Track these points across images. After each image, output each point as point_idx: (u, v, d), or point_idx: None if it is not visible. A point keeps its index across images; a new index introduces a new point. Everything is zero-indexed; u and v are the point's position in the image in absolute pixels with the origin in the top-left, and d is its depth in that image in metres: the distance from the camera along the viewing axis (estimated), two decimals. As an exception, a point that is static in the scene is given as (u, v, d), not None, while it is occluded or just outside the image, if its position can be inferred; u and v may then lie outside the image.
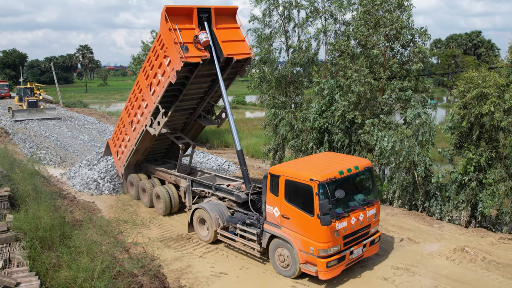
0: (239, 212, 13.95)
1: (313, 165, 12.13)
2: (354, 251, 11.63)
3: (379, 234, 12.73)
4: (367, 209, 11.86)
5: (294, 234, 11.47)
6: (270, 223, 12.16)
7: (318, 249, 10.89)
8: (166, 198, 17.15)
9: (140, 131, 17.34)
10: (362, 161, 12.49)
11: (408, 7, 19.16)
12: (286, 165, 12.53)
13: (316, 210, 10.70)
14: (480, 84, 15.54)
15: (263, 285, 11.80)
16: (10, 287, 8.02)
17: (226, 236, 13.65)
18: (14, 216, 12.59)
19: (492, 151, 15.98)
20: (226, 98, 15.31)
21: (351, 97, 19.21)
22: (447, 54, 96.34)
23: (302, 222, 11.21)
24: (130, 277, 10.71)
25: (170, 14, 14.15)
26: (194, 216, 14.80)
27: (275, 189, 11.84)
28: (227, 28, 15.33)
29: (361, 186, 12.31)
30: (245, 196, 13.87)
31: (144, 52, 35.36)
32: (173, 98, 16.38)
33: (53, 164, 26.60)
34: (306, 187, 10.96)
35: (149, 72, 16.08)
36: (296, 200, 11.37)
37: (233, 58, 15.15)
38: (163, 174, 18.57)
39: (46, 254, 10.68)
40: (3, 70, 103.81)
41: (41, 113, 44.96)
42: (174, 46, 14.02)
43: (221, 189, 15.16)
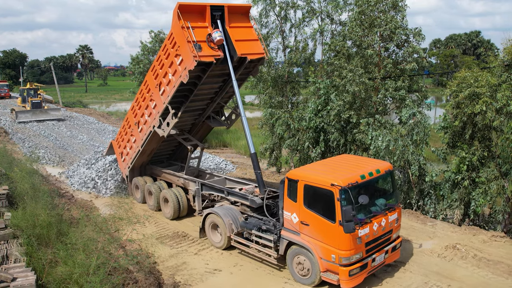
0: (253, 217, 13.46)
1: (332, 169, 11.59)
2: (376, 258, 11.20)
3: (400, 239, 12.29)
4: (388, 214, 11.43)
5: (314, 241, 11.01)
6: (287, 229, 11.68)
7: (340, 257, 10.45)
8: (175, 202, 16.66)
9: (148, 132, 16.90)
10: (382, 164, 12.05)
11: (403, 7, 19.34)
12: (305, 170, 11.99)
13: (338, 217, 10.24)
14: (473, 84, 15.73)
15: (256, 282, 11.97)
16: (6, 281, 8.21)
17: (240, 242, 13.22)
18: (12, 214, 12.76)
19: (485, 150, 16.19)
20: (239, 99, 14.77)
21: (346, 97, 19.40)
22: (446, 54, 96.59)
23: (322, 228, 10.74)
24: (125, 273, 10.91)
25: (183, 11, 13.61)
26: (206, 221, 14.33)
27: (293, 195, 11.37)
28: (240, 27, 14.82)
29: (382, 190, 11.85)
30: (260, 201, 13.32)
31: (143, 52, 35.53)
32: (183, 98, 15.89)
33: (52, 163, 26.80)
34: (326, 193, 10.46)
35: (158, 71, 15.60)
36: (316, 206, 10.88)
37: (246, 58, 14.65)
38: (170, 177, 18.01)
39: (42, 251, 10.90)
40: (3, 70, 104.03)
41: (45, 114, 44.04)
42: (187, 45, 13.51)
43: (234, 194, 14.56)
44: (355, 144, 20.57)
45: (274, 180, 22.21)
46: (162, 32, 36.01)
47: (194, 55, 13.36)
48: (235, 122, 18.27)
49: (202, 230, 14.58)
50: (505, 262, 12.73)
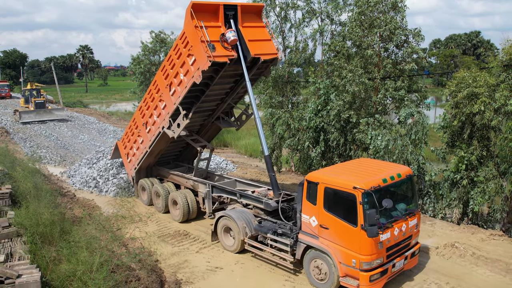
0: (267, 221, 13.20)
1: (352, 172, 11.35)
2: (396, 264, 10.99)
3: (419, 245, 12.08)
4: (409, 219, 11.21)
5: (333, 246, 10.75)
6: (305, 233, 11.45)
7: (361, 261, 10.20)
8: (184, 205, 16.36)
9: (156, 133, 16.57)
10: (403, 168, 11.81)
11: (402, 8, 19.48)
12: (325, 172, 11.70)
13: (359, 220, 10.02)
14: (471, 84, 15.88)
15: (257, 279, 12.12)
16: (12, 278, 8.35)
17: (254, 246, 12.98)
18: (15, 213, 12.91)
19: (483, 149, 16.33)
20: (253, 101, 14.39)
21: (346, 97, 19.56)
22: (446, 54, 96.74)
23: (343, 232, 10.50)
24: (128, 271, 11.08)
25: (196, 10, 13.29)
26: (218, 224, 14.07)
27: (313, 197, 11.11)
28: (253, 27, 14.51)
29: (403, 195, 11.67)
30: (275, 204, 13.04)
31: (144, 52, 35.66)
32: (193, 99, 15.61)
33: (53, 163, 26.96)
34: (348, 196, 10.25)
35: (169, 72, 15.25)
36: (337, 209, 10.63)
37: (259, 58, 14.32)
38: (178, 179, 17.73)
39: (46, 249, 11.05)
40: (3, 70, 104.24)
41: (49, 114, 43.70)
42: (201, 45, 13.20)
43: (248, 196, 14.25)
44: (355, 143, 20.72)
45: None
46: (163, 32, 36.19)
47: (208, 55, 13.09)
48: (245, 123, 18.01)
49: (214, 234, 14.32)
50: (503, 260, 12.88)
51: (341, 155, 21.68)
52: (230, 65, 14.01)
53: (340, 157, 21.76)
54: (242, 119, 17.69)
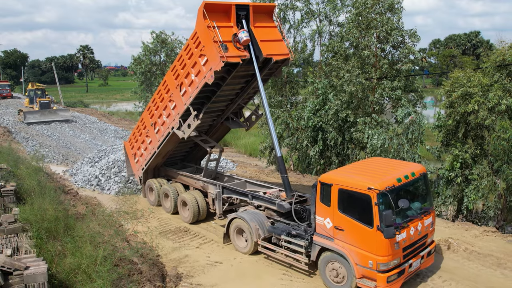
0: (280, 222, 13.12)
1: (366, 172, 11.27)
2: (413, 264, 10.87)
3: (434, 244, 12.00)
4: (424, 218, 11.12)
5: (349, 247, 10.63)
6: (320, 234, 11.32)
7: (377, 263, 10.09)
8: (195, 206, 16.17)
9: (165, 133, 16.40)
10: (416, 166, 11.75)
11: (399, 9, 19.88)
12: (338, 173, 11.56)
13: (375, 221, 9.94)
14: (465, 84, 16.27)
15: (255, 273, 12.46)
16: (20, 270, 8.70)
17: (268, 248, 12.91)
18: (20, 209, 13.26)
19: (477, 148, 16.72)
20: (265, 101, 14.17)
21: (343, 97, 19.96)
22: (445, 54, 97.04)
23: (358, 234, 10.39)
24: (130, 264, 11.44)
25: (209, 10, 13.11)
26: (230, 226, 13.96)
27: (327, 199, 11.01)
28: (264, 27, 14.31)
29: (417, 194, 11.56)
30: (288, 206, 12.88)
31: (145, 52, 36.02)
32: (204, 99, 15.37)
33: (56, 161, 27.33)
34: (363, 197, 10.14)
35: (179, 72, 15.06)
36: (352, 211, 10.53)
37: (271, 58, 14.06)
38: (187, 179, 17.53)
39: (51, 243, 11.42)
40: (4, 70, 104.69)
41: (54, 115, 43.23)
42: (213, 45, 13.03)
43: (260, 198, 14.07)
44: (353, 142, 21.12)
45: (273, 178, 22.71)
46: (164, 33, 36.52)
47: (221, 56, 12.92)
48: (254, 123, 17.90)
49: (226, 235, 14.20)
50: (495, 255, 13.24)
51: (339, 154, 22.07)
52: (242, 65, 13.88)
53: (338, 156, 22.16)
54: (251, 119, 17.50)
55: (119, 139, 34.23)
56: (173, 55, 36.11)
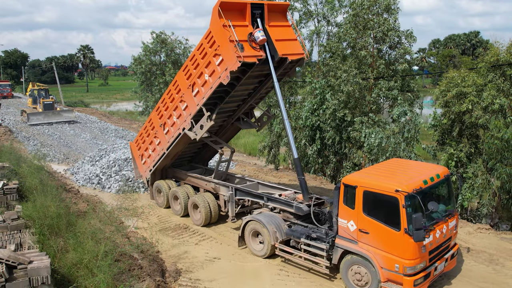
0: (298, 225, 12.89)
1: (390, 174, 11.13)
2: (438, 267, 10.77)
3: (457, 246, 11.95)
4: (449, 220, 11.03)
5: (374, 250, 10.45)
6: (343, 237, 11.14)
7: (404, 266, 9.94)
8: (206, 208, 15.83)
9: (175, 134, 16.06)
10: (440, 168, 11.68)
11: (395, 10, 20.16)
12: (362, 175, 11.42)
13: (403, 224, 9.78)
14: (460, 83, 16.56)
15: (253, 269, 12.77)
16: (24, 263, 8.98)
17: (285, 251, 12.66)
18: (23, 206, 13.55)
19: (472, 146, 17.00)
20: (281, 102, 13.92)
21: (341, 96, 20.25)
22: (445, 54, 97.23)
23: (384, 237, 10.23)
24: (131, 260, 11.74)
25: (224, 9, 12.83)
26: (246, 229, 13.70)
27: (351, 201, 10.82)
28: (279, 26, 14.02)
29: (441, 196, 11.44)
30: (307, 208, 12.66)
31: (145, 53, 36.24)
32: (217, 100, 15.06)
33: (57, 160, 27.63)
34: (390, 199, 9.97)
35: (192, 72, 14.70)
36: (378, 213, 10.36)
37: (287, 58, 13.78)
38: (197, 181, 17.13)
39: (53, 239, 11.71)
40: (4, 70, 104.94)
41: (58, 116, 42.54)
42: (229, 44, 12.77)
43: (277, 200, 13.78)
44: (350, 141, 21.40)
45: (272, 177, 22.98)
46: (164, 33, 36.74)
47: (238, 56, 12.64)
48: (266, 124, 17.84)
49: (241, 239, 13.95)
50: (487, 252, 13.53)
51: (337, 153, 22.35)
52: (257, 65, 13.62)
53: (335, 155, 22.44)
54: (263, 120, 17.25)
55: (120, 139, 34.53)
56: (173, 55, 36.34)
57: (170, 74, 34.93)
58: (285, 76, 15.97)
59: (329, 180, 23.06)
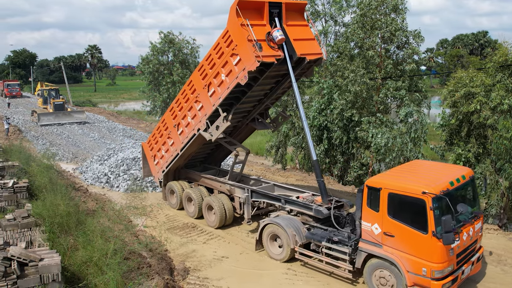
0: (317, 228, 12.72)
1: (414, 175, 10.92)
2: (465, 270, 10.51)
3: (482, 249, 11.70)
4: (475, 222, 10.75)
5: (399, 254, 10.20)
6: (366, 241, 10.87)
7: (432, 270, 9.67)
8: (222, 210, 15.58)
9: (190, 135, 15.80)
10: (465, 169, 11.45)
11: (403, 10, 20.15)
12: (386, 177, 11.15)
13: (430, 227, 9.55)
14: (468, 84, 16.51)
15: (260, 268, 12.82)
16: (35, 261, 9.10)
17: (305, 254, 12.40)
18: (33, 204, 13.70)
19: (480, 147, 16.94)
20: (299, 103, 13.76)
21: (348, 96, 20.27)
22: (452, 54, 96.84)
23: (411, 240, 9.98)
24: (140, 258, 11.84)
25: (242, 8, 12.61)
26: (264, 232, 13.42)
27: (375, 204, 10.57)
28: (296, 25, 13.78)
29: (467, 197, 11.13)
30: (326, 211, 12.44)
31: (153, 52, 36.45)
32: (233, 100, 14.82)
33: (66, 159, 27.84)
34: (416, 201, 9.74)
35: (208, 71, 14.45)
36: (403, 216, 10.10)
37: (305, 58, 13.54)
38: (211, 182, 16.92)
39: (63, 237, 11.85)
40: (13, 69, 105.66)
41: (68, 117, 42.40)
42: (247, 44, 12.54)
43: (295, 203, 13.56)
44: (357, 141, 21.41)
45: (279, 177, 23.03)
46: (171, 33, 36.94)
47: (257, 55, 12.43)
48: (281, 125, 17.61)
49: (258, 242, 13.67)
50: (496, 252, 13.50)
51: (344, 152, 22.37)
52: (275, 65, 13.39)
53: (343, 155, 22.45)
54: (278, 120, 17.00)
55: (128, 138, 34.72)
56: (181, 55, 36.56)
57: (177, 74, 35.14)
58: (302, 77, 15.72)
59: (336, 180, 23.07)
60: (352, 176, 21.98)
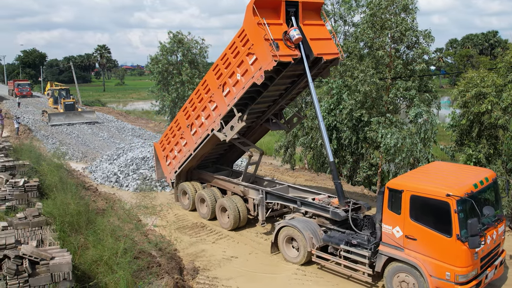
0: (334, 231, 12.48)
1: (436, 177, 10.74)
2: (489, 274, 10.31)
3: (505, 253, 11.50)
4: (498, 225, 10.58)
5: (422, 257, 10.02)
6: (387, 244, 10.67)
7: (456, 274, 9.48)
8: (235, 212, 15.37)
9: (204, 135, 15.67)
10: (487, 171, 11.28)
11: (413, 10, 20.06)
12: (408, 179, 10.97)
13: (454, 230, 9.38)
14: (479, 84, 16.40)
15: (270, 268, 12.81)
16: (46, 259, 9.16)
17: (322, 257, 12.17)
18: (43, 203, 13.80)
19: (491, 147, 16.82)
20: (316, 103, 13.59)
21: (358, 96, 20.21)
22: (462, 54, 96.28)
23: (434, 243, 9.81)
24: (149, 257, 11.88)
25: (259, 7, 12.45)
26: (279, 235, 13.23)
27: (396, 206, 10.37)
28: (313, 25, 13.55)
29: (490, 200, 10.83)
30: (344, 214, 12.21)
31: (162, 52, 36.57)
32: (248, 100, 14.59)
33: (75, 159, 27.99)
34: (440, 204, 9.59)
35: (223, 71, 14.32)
36: (426, 219, 9.95)
37: (322, 58, 13.38)
38: (225, 184, 16.77)
39: (74, 236, 11.92)
40: (23, 69, 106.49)
41: (79, 117, 42.43)
42: (264, 43, 12.39)
43: (311, 205, 13.36)
44: (367, 142, 21.35)
45: (288, 177, 23.01)
46: (180, 33, 37.03)
47: (274, 55, 12.26)
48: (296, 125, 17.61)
49: (273, 245, 13.49)
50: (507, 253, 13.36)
51: (353, 153, 22.32)
52: (292, 65, 13.17)
53: (352, 155, 22.40)
54: (293, 121, 16.84)
55: (137, 137, 34.85)
56: (190, 55, 36.65)
57: (186, 73, 35.22)
58: (317, 77, 15.50)
59: (346, 180, 23.02)
60: (361, 176, 21.92)
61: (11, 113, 46.45)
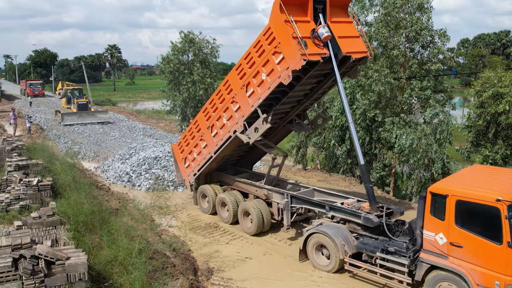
0: (367, 237, 11.97)
1: (482, 181, 10.26)
2: None
3: None
4: None
5: (468, 266, 9.61)
6: (429, 251, 10.28)
7: (507, 283, 9.08)
8: (259, 216, 14.87)
9: (225, 137, 15.23)
10: None
11: (428, 9, 19.82)
12: (452, 183, 10.41)
13: (505, 237, 8.98)
14: (496, 84, 16.18)
15: (284, 269, 12.70)
16: (62, 260, 9.11)
17: (356, 266, 11.69)
18: (57, 202, 13.78)
19: (508, 148, 16.58)
20: (346, 103, 13.16)
21: (371, 96, 20.02)
22: (474, 54, 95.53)
23: (482, 251, 9.39)
24: (164, 258, 11.81)
25: (286, 3, 12.06)
26: (308, 242, 12.71)
27: (440, 212, 9.98)
28: (341, 22, 13.16)
29: None
30: (377, 220, 11.73)
31: (173, 52, 36.60)
32: (272, 101, 14.11)
33: (87, 158, 28.05)
34: (489, 210, 9.17)
35: (246, 71, 13.83)
36: (473, 225, 9.54)
37: (350, 56, 12.89)
38: (247, 187, 16.26)
39: (88, 236, 11.88)
40: (34, 69, 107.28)
41: (92, 117, 42.29)
42: (292, 41, 11.97)
43: (342, 210, 12.81)
44: (380, 142, 21.15)
45: (300, 177, 22.86)
46: (191, 33, 37.04)
47: (302, 53, 11.81)
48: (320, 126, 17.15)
49: (302, 252, 12.95)
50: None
51: (367, 153, 22.11)
52: (320, 64, 12.69)
53: (365, 156, 22.18)
54: (317, 122, 16.35)
55: (148, 137, 34.89)
56: (201, 54, 36.65)
57: (198, 73, 35.23)
58: (345, 76, 14.86)
59: (358, 181, 22.81)
60: (374, 177, 21.71)
61: (23, 112, 46.68)
